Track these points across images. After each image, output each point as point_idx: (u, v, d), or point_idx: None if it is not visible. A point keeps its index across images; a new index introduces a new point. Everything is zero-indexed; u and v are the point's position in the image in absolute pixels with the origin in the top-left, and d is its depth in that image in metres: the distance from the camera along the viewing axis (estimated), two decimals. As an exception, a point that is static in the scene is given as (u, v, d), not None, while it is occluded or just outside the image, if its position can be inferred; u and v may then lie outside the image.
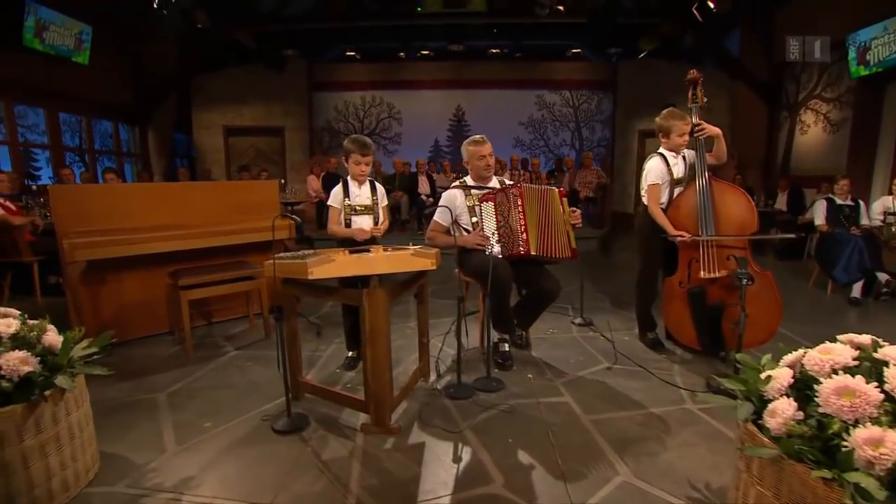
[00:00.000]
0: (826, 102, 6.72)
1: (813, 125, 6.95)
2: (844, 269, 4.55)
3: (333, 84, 10.62)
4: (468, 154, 2.89)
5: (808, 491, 1.12)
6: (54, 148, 7.08)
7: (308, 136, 10.62)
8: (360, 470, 1.81)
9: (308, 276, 1.86)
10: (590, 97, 10.82)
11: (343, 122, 10.79)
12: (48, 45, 6.10)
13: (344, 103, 10.74)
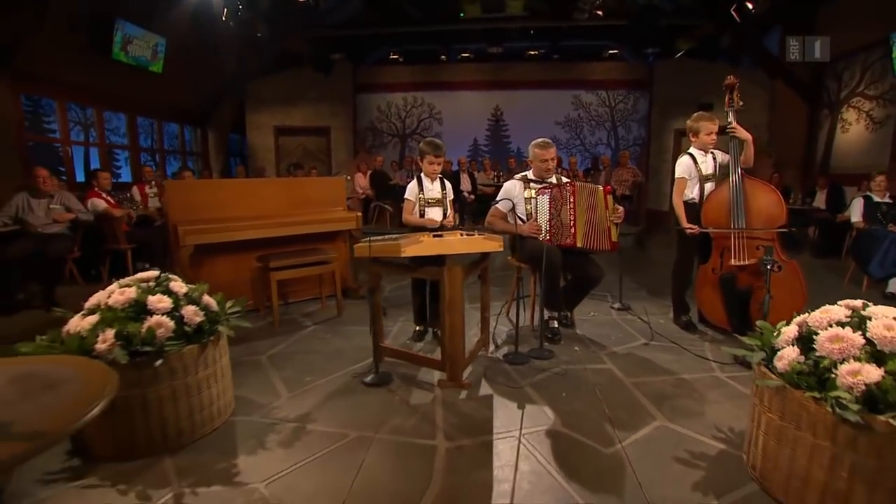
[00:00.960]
0: (869, 100, 6.81)
1: (855, 123, 7.04)
2: (880, 263, 4.74)
3: (377, 86, 11.20)
4: (533, 155, 3.31)
5: (803, 410, 1.50)
6: (132, 149, 7.88)
7: (352, 135, 11.24)
8: (442, 413, 2.27)
9: (401, 254, 2.33)
10: (626, 97, 11.03)
11: (385, 122, 11.36)
12: (131, 56, 6.83)
13: (386, 104, 11.30)
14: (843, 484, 1.43)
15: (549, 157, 3.29)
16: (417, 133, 11.36)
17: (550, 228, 3.16)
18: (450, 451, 1.94)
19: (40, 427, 0.99)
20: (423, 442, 2.00)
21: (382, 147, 11.34)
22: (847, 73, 7.15)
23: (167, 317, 1.95)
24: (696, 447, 1.96)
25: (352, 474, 1.78)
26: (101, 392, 1.14)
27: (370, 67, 11.12)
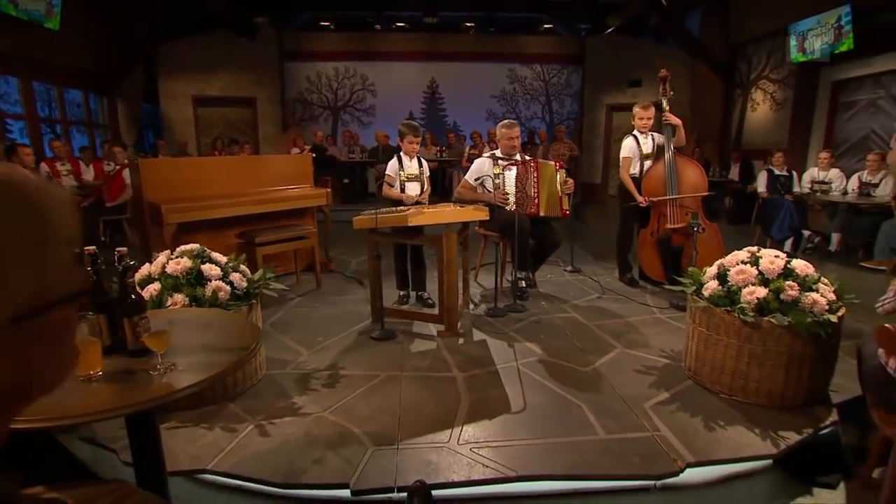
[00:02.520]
0: (772, 83, 8.24)
1: (762, 103, 8.48)
2: (779, 227, 6.04)
3: (305, 54, 11.26)
4: (500, 134, 3.99)
5: (721, 321, 2.35)
6: (30, 119, 7.53)
7: (280, 107, 11.26)
8: (448, 354, 2.94)
9: (408, 224, 2.93)
10: (560, 71, 12.04)
11: (316, 94, 11.49)
12: (21, 10, 6.53)
13: (317, 74, 11.43)
14: (744, 366, 2.30)
15: (514, 135, 4.00)
16: (351, 105, 11.64)
17: (517, 199, 3.89)
18: (466, 378, 2.62)
19: (236, 343, 1.51)
20: (442, 375, 2.67)
21: (314, 120, 11.49)
22: (755, 57, 8.56)
23: (221, 282, 2.42)
24: (648, 363, 2.80)
25: (395, 400, 2.40)
26: (245, 325, 1.67)
27: (297, 33, 11.15)
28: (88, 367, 1.30)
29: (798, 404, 2.27)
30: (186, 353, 1.43)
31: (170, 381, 1.30)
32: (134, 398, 1.24)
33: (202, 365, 1.37)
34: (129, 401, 1.22)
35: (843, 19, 6.56)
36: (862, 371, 1.98)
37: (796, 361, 2.23)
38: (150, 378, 1.32)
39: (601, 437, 2.08)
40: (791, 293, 2.23)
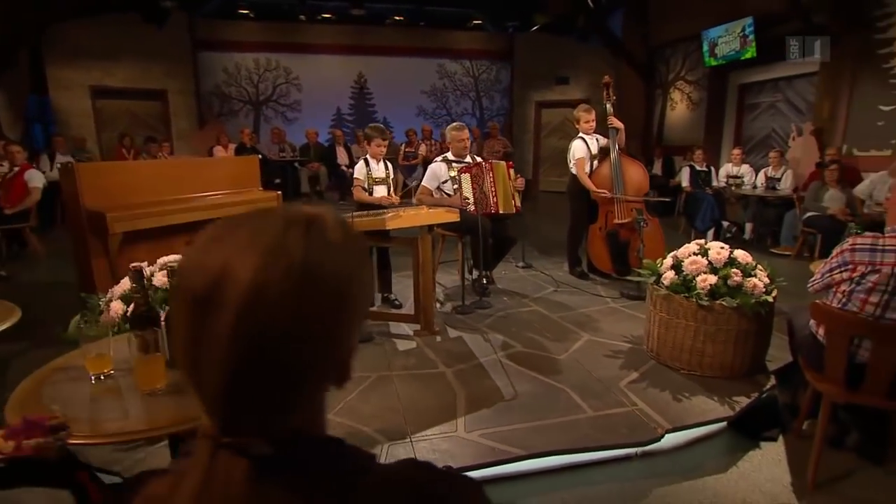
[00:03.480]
0: (688, 84, 9.21)
1: (679, 102, 9.44)
2: (702, 219, 6.83)
3: (222, 43, 10.87)
4: (451, 137, 4.25)
5: (679, 306, 2.79)
6: None
7: (195, 101, 10.80)
8: (430, 351, 3.17)
9: (386, 227, 3.12)
10: (489, 67, 12.55)
11: (235, 87, 11.13)
12: None
13: (235, 65, 11.07)
14: (700, 344, 2.75)
15: (464, 137, 4.29)
16: (273, 100, 11.41)
17: (475, 200, 4.18)
18: (454, 373, 2.88)
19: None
20: (430, 371, 2.90)
21: (233, 115, 11.14)
22: (672, 59, 9.51)
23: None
24: (614, 348, 3.21)
25: (394, 398, 2.61)
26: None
27: (212, 21, 10.71)
28: (154, 381, 1.40)
29: (744, 374, 2.76)
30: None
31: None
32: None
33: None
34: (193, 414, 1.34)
35: (747, 29, 7.52)
36: (795, 340, 2.47)
37: (742, 337, 2.71)
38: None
39: (590, 415, 2.42)
40: (736, 279, 2.70)
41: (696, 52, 8.68)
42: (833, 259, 2.03)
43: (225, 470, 0.46)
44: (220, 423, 0.48)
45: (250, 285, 0.45)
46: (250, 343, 0.45)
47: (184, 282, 0.47)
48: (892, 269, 1.83)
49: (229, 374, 0.45)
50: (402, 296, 4.21)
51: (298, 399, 0.50)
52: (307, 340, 0.47)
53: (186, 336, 0.47)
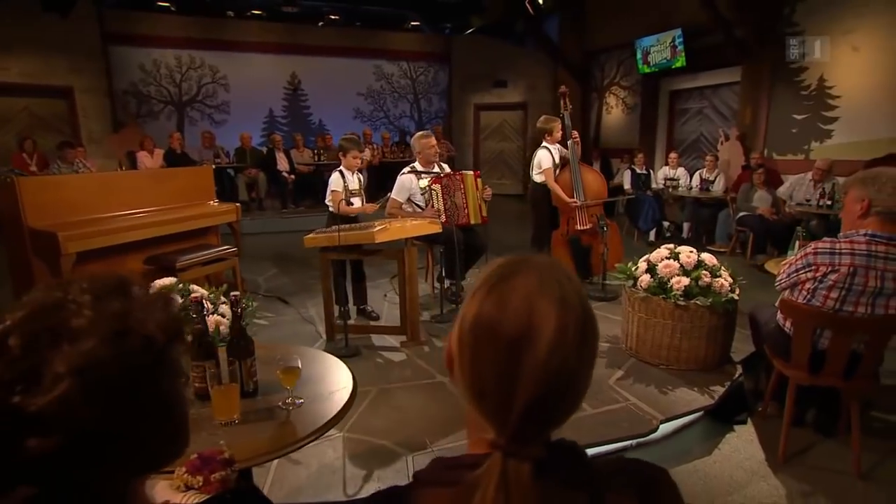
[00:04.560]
0: (623, 89, 9.91)
1: (615, 107, 10.14)
2: (644, 220, 7.44)
3: (137, 37, 10.31)
4: (420, 146, 4.42)
5: (657, 306, 3.15)
6: None
7: (108, 100, 10.19)
8: (423, 362, 3.34)
9: (375, 241, 3.25)
10: (427, 69, 12.79)
11: (154, 86, 10.61)
12: None
13: (153, 62, 10.56)
14: (677, 341, 3.12)
15: (434, 143, 4.48)
16: (199, 101, 10.99)
17: (447, 211, 4.39)
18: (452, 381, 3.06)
19: (319, 371, 1.78)
20: (430, 381, 3.07)
21: (153, 117, 10.62)
22: (607, 65, 10.19)
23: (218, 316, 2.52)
24: (593, 348, 3.52)
25: (402, 410, 2.76)
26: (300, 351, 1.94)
27: (125, 12, 10.08)
28: (230, 412, 1.49)
29: (715, 365, 3.16)
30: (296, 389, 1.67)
31: (308, 416, 1.55)
32: (289, 437, 1.46)
33: (320, 397, 1.64)
34: (286, 440, 1.44)
35: (676, 40, 8.25)
36: (759, 333, 2.89)
37: (713, 333, 3.10)
38: (287, 415, 1.55)
39: (592, 412, 2.70)
40: (706, 280, 3.09)
41: (629, 58, 9.38)
42: (798, 261, 2.42)
43: (515, 471, 0.63)
44: (510, 436, 0.64)
45: (555, 330, 0.62)
46: (555, 374, 0.62)
47: (497, 326, 0.63)
48: (849, 269, 2.24)
49: (532, 399, 0.62)
50: (376, 307, 4.34)
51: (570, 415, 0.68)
52: (586, 373, 0.66)
53: (498, 370, 0.63)
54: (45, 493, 0.49)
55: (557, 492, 0.63)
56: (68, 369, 0.50)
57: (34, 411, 0.48)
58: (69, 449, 0.49)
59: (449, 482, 0.66)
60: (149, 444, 0.57)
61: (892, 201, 2.22)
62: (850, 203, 2.35)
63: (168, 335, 0.58)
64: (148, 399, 0.56)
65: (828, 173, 5.96)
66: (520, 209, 9.92)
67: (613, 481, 0.70)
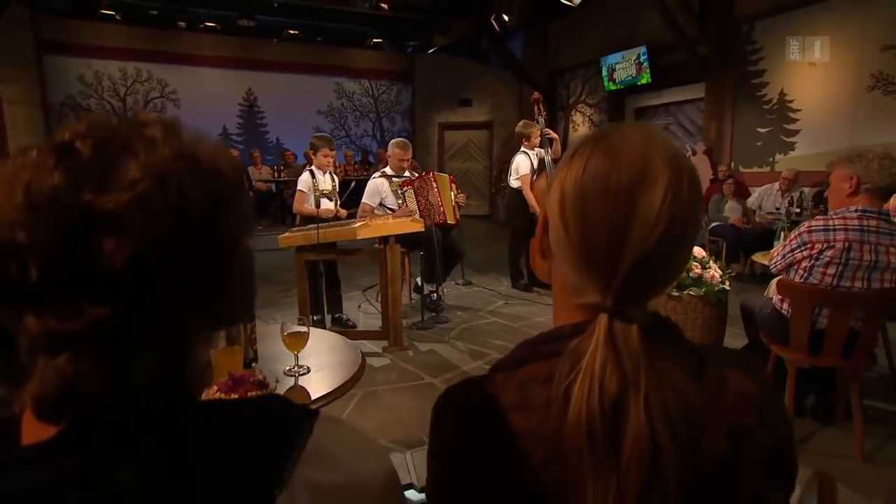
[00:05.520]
0: (589, 107, 10.27)
1: (581, 125, 10.48)
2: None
3: (77, 47, 9.98)
4: (393, 154, 4.45)
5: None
6: None
7: (42, 112, 9.78)
8: (409, 366, 3.27)
9: (357, 237, 3.21)
10: (389, 87, 12.93)
11: (95, 99, 10.29)
12: None
13: (94, 74, 10.25)
14: (671, 334, 3.16)
15: (407, 157, 4.53)
16: (146, 116, 10.71)
17: (422, 212, 4.40)
18: (444, 382, 3.01)
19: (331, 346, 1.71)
20: (419, 383, 3.01)
21: (96, 133, 10.27)
22: (573, 83, 10.56)
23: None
24: (584, 348, 3.54)
25: (392, 411, 2.68)
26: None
27: (64, 20, 9.76)
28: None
29: (709, 359, 3.21)
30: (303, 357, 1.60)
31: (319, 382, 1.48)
32: (303, 399, 1.41)
33: (328, 366, 1.57)
34: (301, 401, 1.39)
35: (641, 57, 8.65)
36: (754, 322, 2.97)
37: (706, 323, 3.16)
38: (295, 380, 1.48)
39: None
40: (697, 271, 3.17)
41: (594, 76, 9.75)
42: (792, 241, 2.52)
43: (622, 332, 0.61)
44: (617, 295, 0.63)
45: (671, 175, 0.61)
46: (669, 222, 0.61)
47: (608, 177, 0.61)
48: (844, 244, 2.34)
49: (644, 250, 0.61)
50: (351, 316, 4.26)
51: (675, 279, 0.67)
52: (693, 233, 0.65)
53: (610, 221, 0.61)
54: (117, 317, 0.44)
55: (666, 356, 0.61)
56: (145, 174, 0.45)
57: (111, 209, 0.43)
58: (144, 265, 0.44)
59: (547, 354, 0.64)
60: (219, 288, 0.52)
61: (880, 177, 2.35)
62: (838, 182, 2.48)
63: (236, 175, 0.55)
64: (221, 234, 0.51)
65: (794, 183, 6.29)
66: (487, 229, 10.04)
67: (715, 353, 0.69)
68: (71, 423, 0.44)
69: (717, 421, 0.61)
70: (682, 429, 0.57)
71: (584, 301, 0.63)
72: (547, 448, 0.59)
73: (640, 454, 0.56)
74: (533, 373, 0.64)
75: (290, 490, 0.46)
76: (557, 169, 0.68)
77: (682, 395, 0.59)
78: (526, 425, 0.60)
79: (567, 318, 0.67)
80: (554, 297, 0.73)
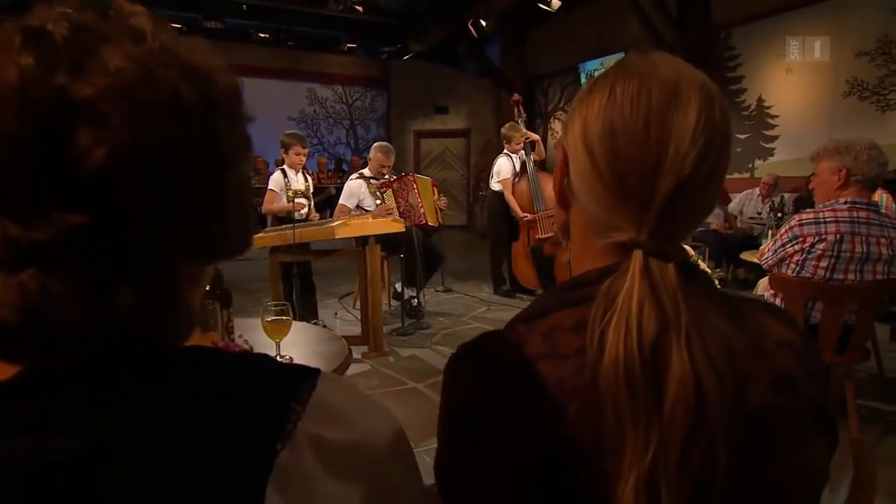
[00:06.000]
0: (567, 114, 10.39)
1: (560, 132, 10.57)
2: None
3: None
4: (377, 158, 4.41)
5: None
6: None
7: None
8: (391, 371, 3.20)
9: (335, 237, 3.14)
10: (363, 94, 12.91)
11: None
12: None
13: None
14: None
15: (390, 163, 4.50)
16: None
17: (403, 213, 4.35)
18: (430, 386, 2.95)
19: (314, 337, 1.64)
20: (402, 388, 2.94)
21: None
22: (551, 90, 10.69)
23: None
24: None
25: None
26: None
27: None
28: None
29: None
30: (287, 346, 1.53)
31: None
32: None
33: (312, 355, 1.51)
34: None
35: (620, 62, 8.81)
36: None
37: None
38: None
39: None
40: (685, 270, 3.18)
41: (573, 83, 9.88)
42: (783, 235, 2.54)
43: (658, 270, 0.58)
44: (653, 228, 0.59)
45: (705, 95, 0.59)
46: (706, 143, 0.58)
47: (636, 101, 0.58)
48: (836, 236, 2.37)
49: (681, 175, 0.58)
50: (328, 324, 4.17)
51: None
52: (726, 158, 0.61)
53: (645, 143, 0.57)
54: (94, 227, 0.38)
55: (703, 296, 0.57)
56: (131, 63, 0.39)
57: (88, 95, 0.37)
58: (127, 167, 0.38)
59: (574, 301, 0.60)
60: (211, 208, 0.46)
61: (869, 168, 2.39)
62: (826, 174, 2.51)
63: (234, 87, 0.50)
64: (217, 147, 0.46)
65: (774, 188, 6.42)
66: (466, 239, 10.03)
67: (747, 300, 0.66)
68: (36, 359, 0.38)
69: (762, 368, 0.57)
70: (727, 374, 0.53)
71: (615, 239, 0.59)
72: (582, 399, 0.54)
73: (685, 401, 0.51)
74: (558, 322, 0.59)
75: (294, 445, 0.41)
76: (573, 108, 0.65)
77: (725, 339, 0.55)
78: (557, 375, 0.55)
79: (590, 264, 0.63)
80: (573, 247, 0.69)
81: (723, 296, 0.62)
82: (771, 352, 0.59)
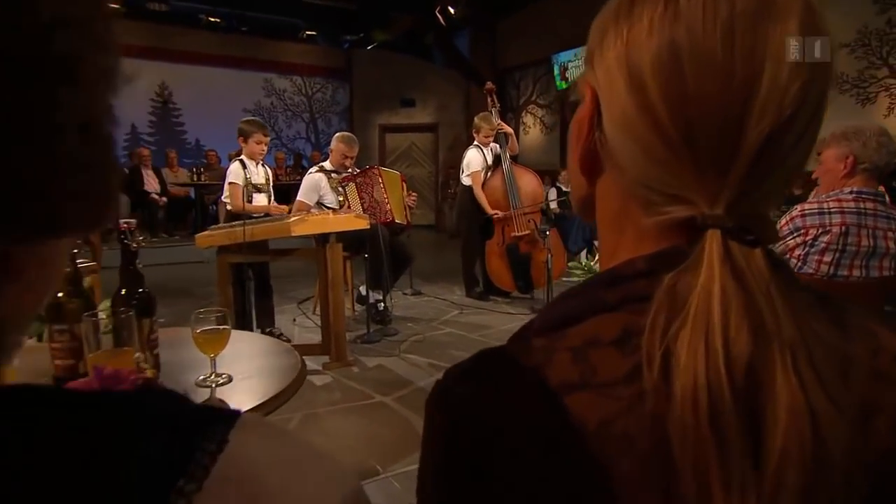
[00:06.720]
0: (540, 108, 10.33)
1: (533, 126, 10.52)
2: (573, 241, 7.59)
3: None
4: (338, 148, 4.22)
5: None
6: None
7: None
8: (355, 384, 3.00)
9: (291, 234, 2.92)
10: (324, 85, 12.64)
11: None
12: None
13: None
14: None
15: (353, 154, 4.31)
16: (41, 111, 9.98)
17: (367, 210, 4.15)
18: (397, 400, 2.76)
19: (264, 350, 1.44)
20: (366, 402, 2.74)
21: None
22: (523, 83, 10.61)
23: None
24: (552, 358, 3.38)
25: (338, 435, 2.41)
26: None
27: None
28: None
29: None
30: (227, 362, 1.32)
31: (244, 393, 1.22)
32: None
33: (257, 373, 1.31)
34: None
35: (595, 53, 8.78)
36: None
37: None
38: (211, 392, 1.21)
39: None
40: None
41: (545, 75, 9.82)
42: (783, 227, 2.44)
43: (744, 258, 0.41)
44: (730, 201, 0.42)
45: (802, 3, 0.42)
46: (811, 71, 0.41)
47: (713, 2, 0.42)
48: (841, 228, 2.27)
49: (787, 115, 0.40)
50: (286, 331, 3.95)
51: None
52: (825, 103, 0.45)
53: (729, 68, 0.40)
54: None
55: (799, 297, 0.41)
56: None
57: None
58: None
59: (616, 302, 0.42)
60: (41, 143, 0.27)
61: (878, 156, 2.30)
62: (832, 162, 2.42)
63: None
64: (57, 71, 0.27)
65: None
66: (434, 239, 9.88)
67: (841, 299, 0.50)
68: None
69: (885, 396, 0.41)
70: (849, 408, 0.37)
71: (675, 215, 0.41)
72: (639, 452, 0.37)
73: (800, 449, 0.35)
74: (592, 332, 0.42)
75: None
76: (603, 28, 0.46)
77: (838, 357, 0.40)
78: (598, 415, 0.38)
79: (632, 251, 0.45)
80: (602, 231, 0.51)
81: (816, 294, 0.45)
82: (892, 374, 0.42)
